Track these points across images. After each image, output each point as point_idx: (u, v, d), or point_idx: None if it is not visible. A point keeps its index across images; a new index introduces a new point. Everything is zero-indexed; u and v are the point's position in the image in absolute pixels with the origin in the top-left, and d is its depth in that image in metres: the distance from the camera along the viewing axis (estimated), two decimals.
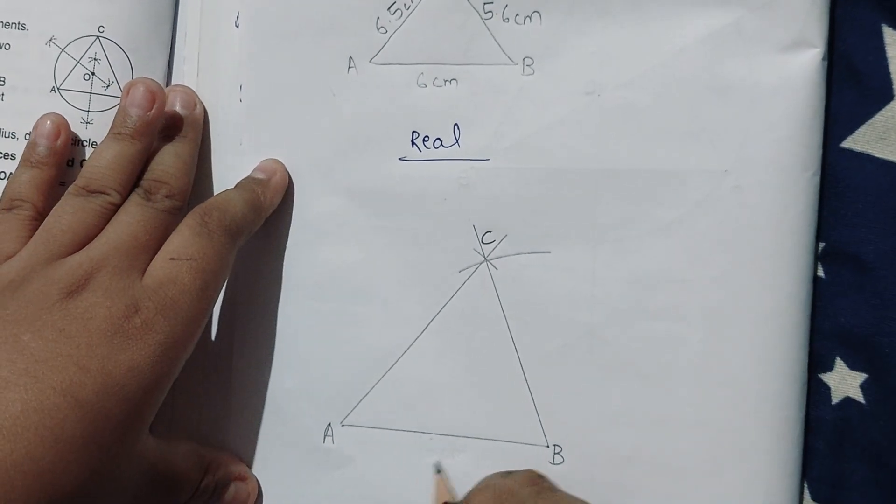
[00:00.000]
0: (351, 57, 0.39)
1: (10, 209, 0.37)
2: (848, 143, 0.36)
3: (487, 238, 0.38)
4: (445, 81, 0.38)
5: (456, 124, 0.38)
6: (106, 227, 0.35)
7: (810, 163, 0.35)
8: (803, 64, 0.35)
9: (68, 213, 0.35)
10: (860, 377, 0.36)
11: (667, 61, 0.36)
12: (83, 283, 0.33)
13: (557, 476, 0.37)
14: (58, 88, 0.40)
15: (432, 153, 0.38)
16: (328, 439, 0.39)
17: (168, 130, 0.38)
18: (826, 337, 0.36)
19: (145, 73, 0.41)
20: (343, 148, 0.39)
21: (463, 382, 0.38)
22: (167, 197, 0.36)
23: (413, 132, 0.39)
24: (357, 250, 0.39)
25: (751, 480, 0.36)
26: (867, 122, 0.35)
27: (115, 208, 0.36)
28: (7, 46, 0.40)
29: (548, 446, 0.38)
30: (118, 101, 0.40)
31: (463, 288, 0.38)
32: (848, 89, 0.35)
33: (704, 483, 0.36)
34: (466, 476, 0.38)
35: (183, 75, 0.42)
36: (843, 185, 0.36)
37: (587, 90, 0.37)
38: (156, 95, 0.37)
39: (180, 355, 0.34)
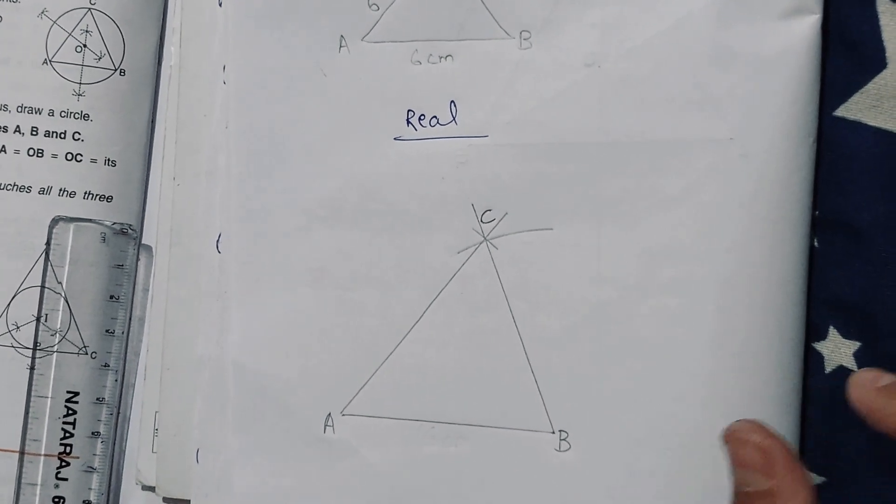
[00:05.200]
0: (342, 36, 0.38)
1: None
2: (841, 112, 0.35)
3: (487, 217, 0.37)
4: (441, 58, 0.37)
5: (452, 101, 0.37)
6: None
7: (811, 129, 0.34)
8: (803, 30, 0.34)
9: None
10: (853, 346, 0.35)
11: (668, 30, 0.35)
12: None
13: (563, 464, 0.36)
14: (50, 61, 0.40)
15: (428, 132, 0.37)
16: (329, 429, 0.38)
17: None
18: (819, 305, 0.35)
19: (137, 46, 0.41)
20: (335, 129, 0.38)
21: (464, 368, 0.37)
22: None
23: (408, 111, 0.37)
24: (352, 234, 0.38)
25: None
26: (860, 91, 0.35)
27: None
28: None
29: (553, 432, 0.36)
30: (110, 73, 0.40)
31: (462, 269, 0.37)
32: (841, 57, 0.35)
33: (718, 460, 0.33)
34: (469, 466, 0.37)
35: (171, 46, 0.41)
36: (836, 154, 0.35)
37: (587, 62, 0.36)
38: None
39: None
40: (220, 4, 0.39)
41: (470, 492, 0.37)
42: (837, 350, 0.36)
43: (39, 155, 0.40)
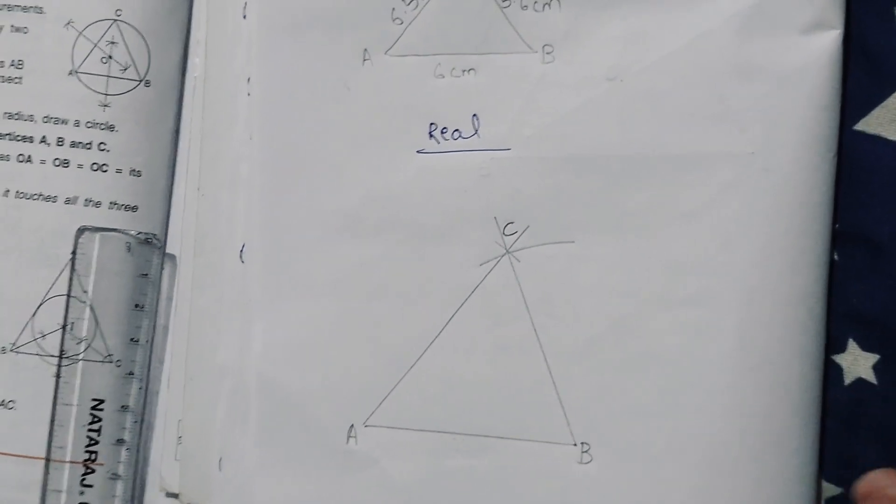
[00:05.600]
0: (366, 49, 0.38)
1: None
2: (861, 126, 0.35)
3: (509, 230, 0.37)
4: (463, 71, 0.37)
5: (475, 115, 0.37)
6: None
7: (832, 144, 0.35)
8: (824, 45, 0.34)
9: None
10: (873, 358, 0.35)
11: (689, 44, 0.35)
12: None
13: (585, 477, 0.36)
14: (76, 71, 0.40)
15: (451, 145, 0.37)
16: (351, 440, 0.38)
17: None
18: (839, 318, 0.35)
19: (162, 57, 0.41)
20: (359, 142, 0.38)
21: (486, 380, 0.37)
22: None
23: (431, 124, 0.37)
24: (375, 246, 0.38)
25: (780, 466, 0.35)
26: (881, 105, 0.35)
27: None
28: (25, 30, 0.40)
29: (575, 444, 0.36)
30: (135, 84, 0.40)
31: (484, 281, 0.37)
32: (862, 72, 0.35)
33: (739, 472, 0.35)
34: (490, 477, 0.37)
35: (195, 58, 0.42)
36: (856, 168, 0.35)
37: (609, 76, 0.36)
38: None
39: None
40: (245, 17, 0.40)
41: (491, 503, 0.37)
42: (856, 363, 0.36)
43: (65, 165, 0.40)
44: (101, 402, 0.40)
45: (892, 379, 0.35)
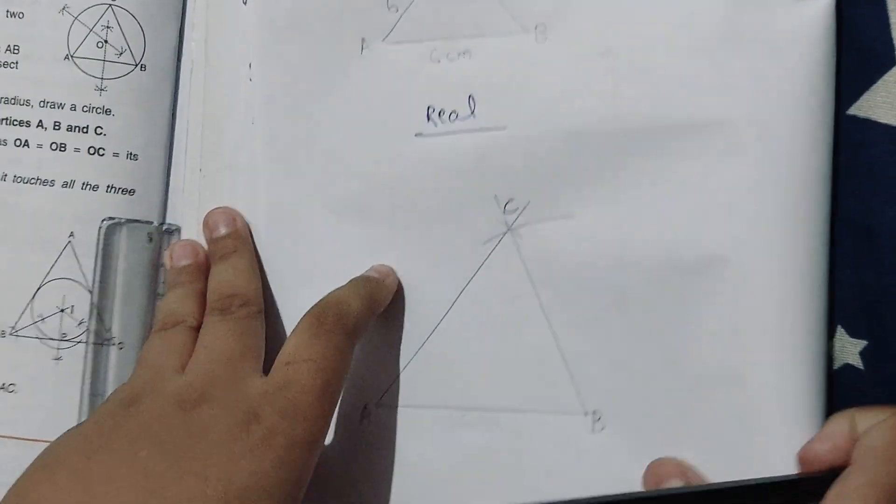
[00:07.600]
0: (363, 38, 0.38)
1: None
2: (853, 110, 0.35)
3: (510, 207, 0.37)
4: (459, 55, 0.37)
5: (471, 96, 0.37)
6: (196, 350, 0.35)
7: (826, 110, 0.34)
8: (817, 11, 0.34)
9: (156, 344, 0.36)
10: (860, 344, 0.35)
11: (681, 15, 0.35)
12: (198, 397, 0.33)
13: (599, 444, 0.36)
14: (71, 56, 0.40)
15: (448, 126, 0.37)
16: (365, 420, 0.38)
17: (220, 252, 0.39)
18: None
19: (157, 41, 0.41)
20: (358, 129, 0.38)
21: (495, 355, 0.37)
22: (242, 306, 0.36)
23: (428, 107, 0.38)
24: (379, 230, 0.38)
25: (782, 436, 0.34)
26: (871, 89, 0.35)
27: (197, 333, 0.37)
28: (21, 15, 0.40)
29: (586, 414, 0.36)
30: (131, 68, 0.41)
31: (488, 260, 0.37)
32: (853, 56, 0.35)
33: (745, 438, 0.35)
34: (503, 451, 0.37)
35: (191, 41, 0.41)
36: (848, 151, 0.35)
37: (602, 51, 0.36)
38: (196, 248, 0.39)
39: (307, 456, 0.32)
40: (245, 3, 0.40)
41: (505, 476, 0.37)
42: (844, 349, 0.35)
43: (62, 149, 0.41)
44: (104, 384, 0.40)
45: (879, 365, 0.35)
